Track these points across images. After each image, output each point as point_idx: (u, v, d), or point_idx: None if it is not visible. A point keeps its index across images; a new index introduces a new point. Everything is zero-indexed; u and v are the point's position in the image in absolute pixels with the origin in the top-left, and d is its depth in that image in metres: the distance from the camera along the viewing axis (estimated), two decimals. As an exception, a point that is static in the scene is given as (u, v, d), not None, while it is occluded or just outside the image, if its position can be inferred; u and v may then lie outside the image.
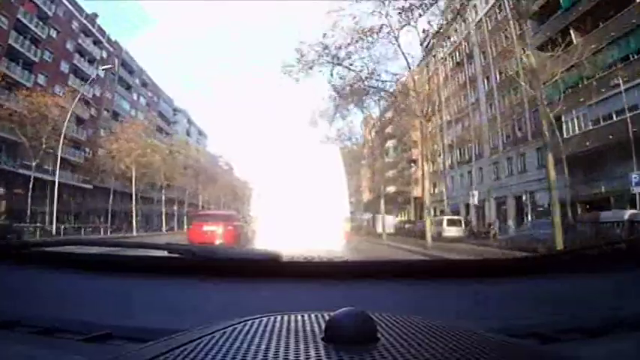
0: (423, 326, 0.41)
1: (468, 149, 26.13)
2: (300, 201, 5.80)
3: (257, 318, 0.43)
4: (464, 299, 0.67)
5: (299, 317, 0.44)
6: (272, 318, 0.44)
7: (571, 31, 14.86)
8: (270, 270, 0.76)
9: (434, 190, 33.34)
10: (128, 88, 35.73)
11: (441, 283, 0.73)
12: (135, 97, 36.84)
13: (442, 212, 28.83)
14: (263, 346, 0.35)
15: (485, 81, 23.76)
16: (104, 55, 30.44)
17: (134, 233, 22.02)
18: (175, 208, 29.54)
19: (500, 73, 21.37)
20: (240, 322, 0.42)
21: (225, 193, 48.51)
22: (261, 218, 6.72)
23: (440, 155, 29.93)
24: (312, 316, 0.44)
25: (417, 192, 33.45)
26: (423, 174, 17.20)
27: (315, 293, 0.66)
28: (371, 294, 0.66)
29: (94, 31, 28.30)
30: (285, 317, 0.44)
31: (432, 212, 29.60)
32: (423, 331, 0.40)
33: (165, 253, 0.79)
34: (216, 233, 8.84)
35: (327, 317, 0.40)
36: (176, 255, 0.79)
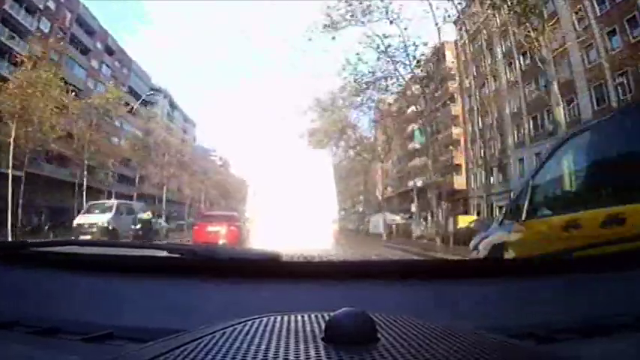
0: (423, 326, 0.49)
1: (550, 116, 20.16)
2: (293, 204, 7.95)
3: (257, 318, 0.52)
4: (464, 299, 0.79)
5: (299, 317, 0.53)
6: (272, 318, 0.52)
7: None
8: (271, 270, 0.89)
9: (488, 180, 27.13)
10: (85, 52, 31.89)
11: (441, 283, 0.86)
12: (95, 64, 33.21)
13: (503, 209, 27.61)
14: (263, 347, 0.43)
15: (574, 15, 19.25)
16: (51, 5, 27.50)
17: (9, 237, 16.49)
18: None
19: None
20: (241, 323, 0.50)
21: (208, 187, 46.45)
22: (256, 219, 8.49)
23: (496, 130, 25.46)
24: (312, 316, 0.53)
25: (458, 184, 29.65)
26: (468, 158, 15.82)
27: (315, 293, 0.79)
28: (371, 294, 0.79)
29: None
30: (285, 317, 0.53)
31: (489, 210, 24.09)
32: (422, 331, 0.48)
33: (165, 253, 0.94)
34: (219, 233, 10.93)
35: (327, 317, 0.48)
36: (177, 255, 0.94)
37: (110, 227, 13.67)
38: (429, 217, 27.32)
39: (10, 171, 17.31)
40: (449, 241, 16.20)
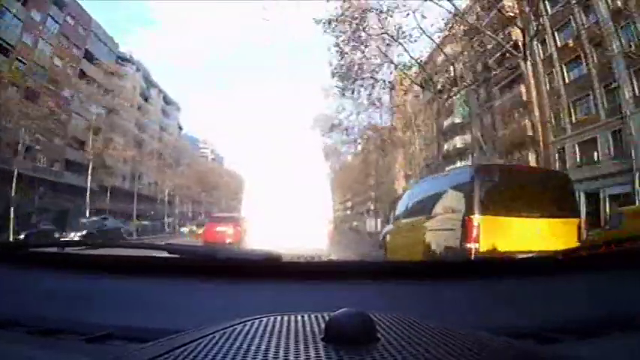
0: (423, 327, 0.57)
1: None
2: (290, 203, 9.29)
3: (257, 318, 0.60)
4: (463, 299, 0.92)
5: (299, 317, 0.61)
6: (272, 318, 0.60)
7: None
8: (271, 270, 1.03)
9: (588, 156, 20.94)
10: (23, 0, 27.86)
11: (440, 283, 0.99)
12: (36, 17, 29.54)
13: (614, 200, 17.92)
14: (263, 347, 0.49)
15: None
16: None
17: None
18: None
19: None
20: (241, 323, 0.58)
21: (189, 181, 44.01)
22: (252, 218, 10.44)
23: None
24: (312, 316, 0.61)
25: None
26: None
27: (315, 293, 0.91)
28: (371, 294, 0.91)
29: None
30: (285, 318, 0.61)
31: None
32: (422, 331, 0.56)
33: (165, 254, 1.09)
34: (225, 233, 15.14)
35: (327, 317, 0.55)
36: (177, 255, 1.10)
37: None
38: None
39: None
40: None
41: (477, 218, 5.27)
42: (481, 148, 21.44)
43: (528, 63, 14.94)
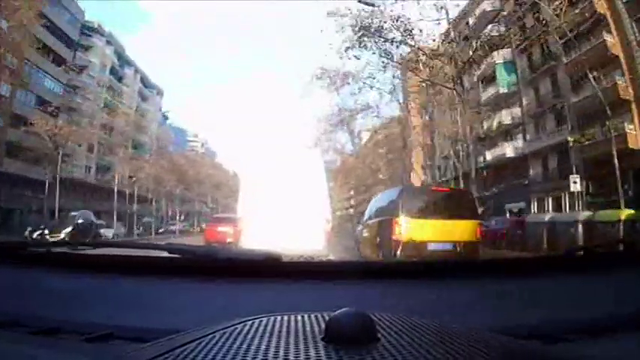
0: (424, 326, 0.62)
1: None
2: (286, 205, 10.98)
3: (257, 318, 0.65)
4: (464, 299, 0.98)
5: (299, 317, 0.66)
6: (272, 318, 0.65)
7: None
8: (271, 270, 1.12)
9: None
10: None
11: (441, 283, 1.06)
12: None
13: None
14: (263, 347, 0.54)
15: None
16: None
17: None
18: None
19: None
20: (241, 323, 0.64)
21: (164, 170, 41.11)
22: (248, 218, 11.89)
23: None
24: (312, 316, 0.67)
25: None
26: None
27: (316, 293, 0.99)
28: (371, 294, 0.99)
29: None
30: (285, 317, 0.66)
31: None
32: (423, 331, 0.60)
33: (165, 254, 1.18)
34: (227, 233, 17.77)
35: (327, 317, 0.60)
36: (177, 255, 1.18)
37: None
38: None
39: None
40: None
41: (401, 219, 9.36)
42: (537, 123, 19.58)
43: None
